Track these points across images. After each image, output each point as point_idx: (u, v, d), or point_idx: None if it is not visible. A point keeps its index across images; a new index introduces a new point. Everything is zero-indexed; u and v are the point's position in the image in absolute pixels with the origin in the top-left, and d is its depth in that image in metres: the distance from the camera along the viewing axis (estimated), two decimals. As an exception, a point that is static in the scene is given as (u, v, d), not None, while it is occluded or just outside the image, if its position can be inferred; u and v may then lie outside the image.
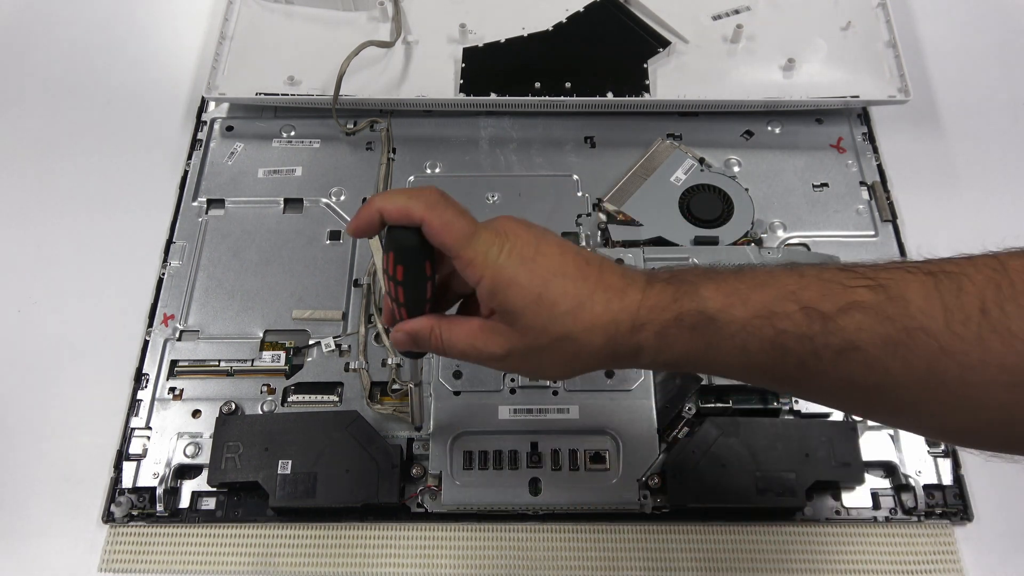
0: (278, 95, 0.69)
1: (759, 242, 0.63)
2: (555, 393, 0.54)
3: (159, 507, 0.53)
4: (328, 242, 0.64)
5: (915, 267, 0.30)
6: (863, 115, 0.70)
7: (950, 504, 0.53)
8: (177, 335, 0.60)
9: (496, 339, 0.35)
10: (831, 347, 0.30)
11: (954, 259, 0.30)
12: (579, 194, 0.66)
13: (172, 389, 0.58)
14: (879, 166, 0.67)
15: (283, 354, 0.58)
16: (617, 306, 0.34)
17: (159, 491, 0.54)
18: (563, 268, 0.34)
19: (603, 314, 0.33)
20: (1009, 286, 0.28)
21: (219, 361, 0.59)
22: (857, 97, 0.67)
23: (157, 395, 0.57)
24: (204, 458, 0.54)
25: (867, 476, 0.53)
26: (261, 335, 0.60)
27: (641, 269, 0.36)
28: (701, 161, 0.66)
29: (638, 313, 0.33)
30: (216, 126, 0.71)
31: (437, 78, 0.69)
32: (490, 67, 0.69)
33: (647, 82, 0.68)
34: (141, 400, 0.57)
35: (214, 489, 0.54)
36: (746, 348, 0.32)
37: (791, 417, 0.55)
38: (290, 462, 0.52)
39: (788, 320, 0.31)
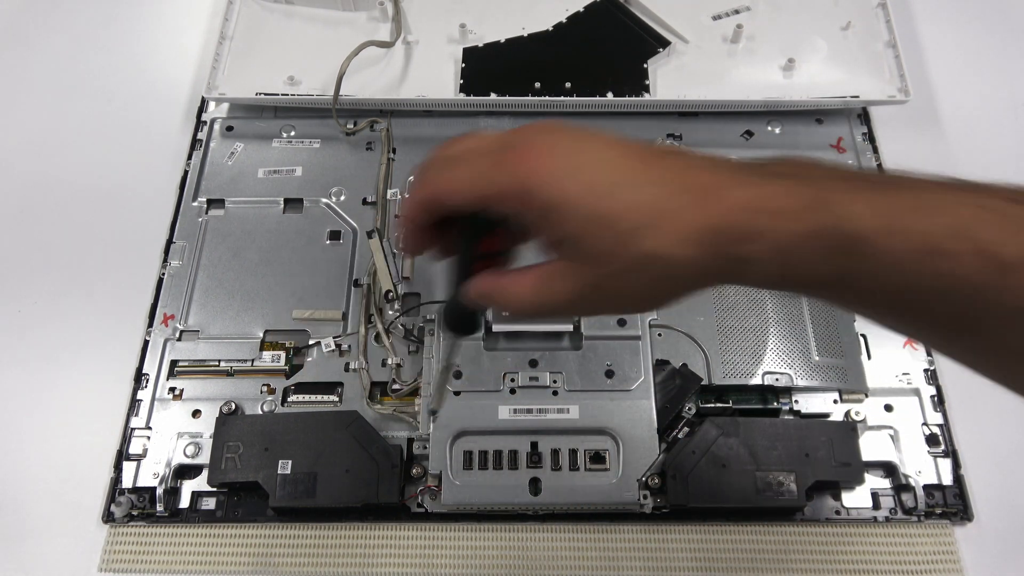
0: (278, 95, 0.69)
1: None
2: (555, 393, 0.54)
3: (159, 507, 0.53)
4: (328, 242, 0.64)
5: None
6: (863, 115, 0.70)
7: (950, 504, 0.53)
8: (177, 335, 0.60)
9: (560, 283, 0.29)
10: (1005, 307, 0.23)
11: None
12: (579, 194, 0.66)
13: (172, 389, 0.58)
14: (879, 166, 0.67)
15: (283, 354, 0.58)
16: (715, 208, 0.26)
17: (159, 491, 0.54)
18: (628, 172, 0.27)
19: (693, 220, 0.26)
20: None
21: (219, 361, 0.59)
22: (857, 97, 0.67)
23: (157, 395, 0.57)
24: (204, 458, 0.54)
25: (867, 476, 0.53)
26: (261, 335, 0.60)
27: (736, 160, 0.28)
28: (701, 161, 0.66)
29: (749, 217, 0.26)
30: (216, 126, 0.71)
31: (437, 78, 0.69)
32: (490, 67, 0.69)
33: (647, 82, 0.68)
34: (141, 400, 0.57)
35: (214, 489, 0.54)
36: (888, 291, 0.25)
37: (791, 417, 0.55)
38: (290, 462, 0.52)
39: (953, 262, 0.23)
